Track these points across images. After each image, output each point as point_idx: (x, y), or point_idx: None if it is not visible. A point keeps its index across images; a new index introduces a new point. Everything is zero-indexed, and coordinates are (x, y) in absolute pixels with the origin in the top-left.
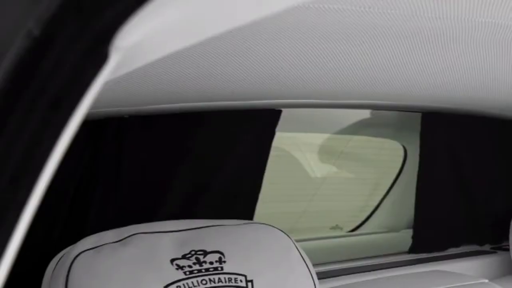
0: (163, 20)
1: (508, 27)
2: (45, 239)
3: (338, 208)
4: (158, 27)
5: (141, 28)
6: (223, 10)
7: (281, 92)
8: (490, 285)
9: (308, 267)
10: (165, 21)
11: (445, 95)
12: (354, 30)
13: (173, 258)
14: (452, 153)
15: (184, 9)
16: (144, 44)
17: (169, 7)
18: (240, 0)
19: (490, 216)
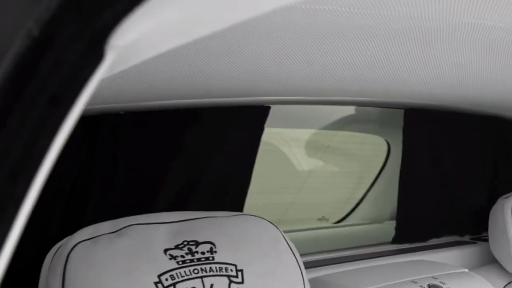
0: (157, 20)
1: (489, 27)
2: (43, 232)
3: (324, 200)
4: (153, 27)
5: (136, 28)
6: (215, 11)
7: (270, 89)
8: (470, 274)
9: (295, 256)
10: (159, 21)
11: (427, 92)
12: (340, 30)
13: (167, 248)
14: (433, 148)
15: (178, 10)
16: (139, 43)
17: (163, 8)
18: (232, 1)
19: (470, 208)
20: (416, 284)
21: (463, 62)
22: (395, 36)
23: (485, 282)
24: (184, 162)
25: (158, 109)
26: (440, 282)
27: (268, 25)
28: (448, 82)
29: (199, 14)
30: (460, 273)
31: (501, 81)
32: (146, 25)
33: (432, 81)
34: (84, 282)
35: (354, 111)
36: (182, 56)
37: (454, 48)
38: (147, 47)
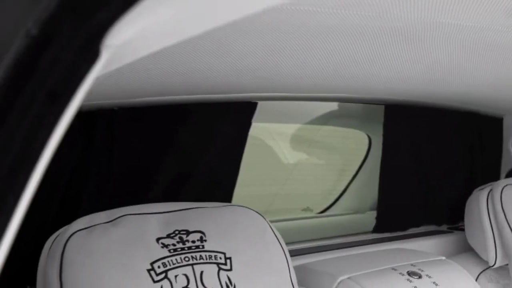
0: (150, 21)
1: (463, 27)
2: (41, 222)
3: (309, 191)
4: (145, 27)
5: (130, 28)
6: (206, 11)
7: (257, 86)
8: (447, 261)
9: (281, 245)
10: (151, 22)
11: (406, 89)
12: (323, 30)
13: (159, 237)
14: (412, 142)
15: (169, 11)
16: (132, 42)
17: (156, 9)
18: (221, 2)
19: (447, 199)
20: (396, 271)
21: (439, 60)
22: (375, 36)
23: (461, 269)
24: (176, 156)
25: (151, 105)
26: (418, 269)
27: (256, 25)
28: (426, 79)
29: (190, 15)
30: (438, 261)
31: (476, 78)
32: (139, 25)
33: (410, 78)
34: (81, 269)
35: (337, 107)
36: (173, 55)
37: (431, 47)
38: (140, 46)
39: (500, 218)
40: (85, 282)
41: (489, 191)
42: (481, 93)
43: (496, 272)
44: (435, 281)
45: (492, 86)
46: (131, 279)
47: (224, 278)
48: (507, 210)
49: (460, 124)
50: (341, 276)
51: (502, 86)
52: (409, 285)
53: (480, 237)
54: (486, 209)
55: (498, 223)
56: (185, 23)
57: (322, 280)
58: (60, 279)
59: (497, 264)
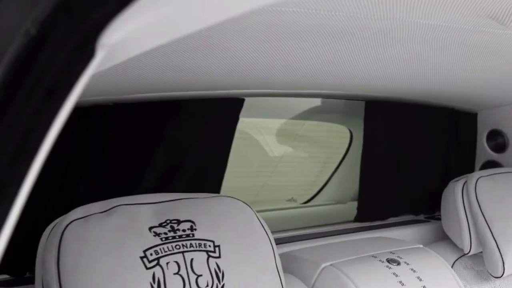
0: (142, 21)
1: (439, 27)
2: (40, 210)
3: (293, 183)
4: (138, 28)
5: (123, 28)
6: (194, 13)
7: (244, 83)
8: (424, 249)
9: (267, 234)
10: (144, 22)
11: (385, 86)
12: (305, 30)
13: (151, 226)
14: (391, 136)
15: (160, 12)
16: (126, 42)
17: (148, 10)
18: (209, 4)
19: (424, 190)
20: (376, 259)
21: (416, 59)
22: (355, 36)
23: (438, 257)
24: (167, 149)
25: (143, 101)
26: (397, 256)
27: (242, 26)
28: (404, 77)
29: (180, 16)
30: (416, 249)
31: (451, 76)
32: (132, 25)
33: (389, 76)
34: (77, 257)
35: (320, 103)
36: (165, 54)
37: (408, 47)
38: (133, 45)
39: (474, 208)
40: (82, 268)
41: (464, 182)
42: (456, 89)
43: (471, 259)
44: (413, 268)
45: (466, 83)
46: (125, 266)
47: (213, 265)
48: (481, 200)
49: (437, 119)
50: (323, 263)
51: (476, 83)
52: (388, 272)
53: (456, 226)
54: (461, 200)
55: (472, 213)
56: (175, 24)
57: (306, 266)
58: (58, 266)
59: (471, 251)
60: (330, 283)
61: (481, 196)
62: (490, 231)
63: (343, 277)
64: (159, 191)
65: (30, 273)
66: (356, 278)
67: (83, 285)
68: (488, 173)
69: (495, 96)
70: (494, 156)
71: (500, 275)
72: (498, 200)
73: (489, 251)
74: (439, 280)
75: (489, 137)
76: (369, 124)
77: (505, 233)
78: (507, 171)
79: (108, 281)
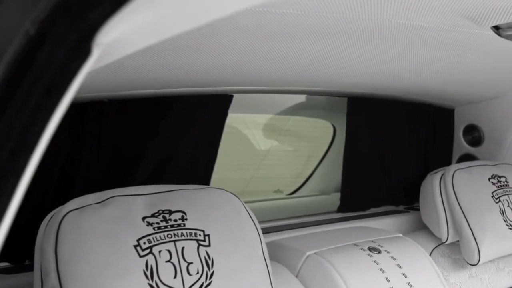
0: (136, 21)
1: (417, 27)
2: (39, 201)
3: (279, 175)
4: (132, 28)
5: (118, 28)
6: (185, 13)
7: (233, 80)
8: (404, 238)
9: (255, 223)
10: (137, 22)
11: (367, 83)
12: (292, 30)
13: (144, 216)
14: (372, 130)
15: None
16: (120, 41)
17: (141, 11)
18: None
19: (403, 182)
20: (358, 247)
21: (396, 57)
22: (338, 36)
23: (416, 245)
24: (160, 143)
25: (137, 97)
26: (378, 245)
27: (230, 25)
28: (385, 74)
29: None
30: (395, 238)
31: (429, 73)
32: (126, 26)
33: (370, 73)
34: (74, 246)
35: (304, 99)
36: (157, 52)
37: (389, 46)
38: (127, 44)
39: (451, 199)
40: (78, 256)
41: (441, 175)
42: (434, 86)
43: (448, 247)
44: (393, 256)
45: (444, 81)
46: (119, 254)
47: (203, 253)
48: (457, 192)
49: (416, 115)
50: (308, 251)
51: (453, 80)
52: (369, 260)
53: (434, 216)
54: (439, 191)
55: (449, 204)
56: (168, 24)
57: (292, 254)
58: (56, 254)
59: (448, 240)
60: (314, 270)
61: (458, 188)
62: (466, 221)
63: (326, 264)
64: (152, 183)
65: (29, 261)
66: (339, 266)
67: (80, 272)
68: (464, 166)
69: (471, 93)
70: (470, 149)
71: (476, 263)
72: (474, 191)
73: (465, 240)
74: (418, 268)
75: (465, 132)
76: (351, 120)
77: (480, 223)
78: (482, 164)
79: (104, 268)
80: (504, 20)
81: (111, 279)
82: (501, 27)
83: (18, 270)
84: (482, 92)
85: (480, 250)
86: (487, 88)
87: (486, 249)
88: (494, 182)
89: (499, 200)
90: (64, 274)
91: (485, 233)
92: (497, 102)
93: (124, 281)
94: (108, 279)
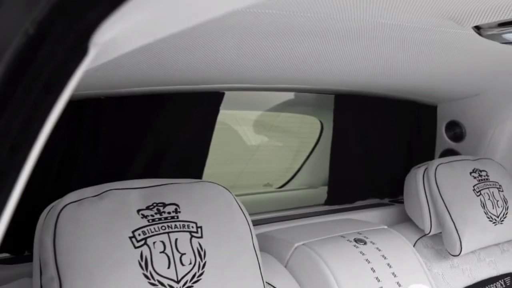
0: (131, 22)
1: (400, 27)
2: (38, 194)
3: (269, 169)
4: (127, 28)
5: (115, 28)
6: (179, 14)
7: (224, 78)
8: (388, 230)
9: (245, 216)
10: (133, 22)
11: (353, 80)
12: (281, 29)
13: (139, 209)
14: (358, 126)
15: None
16: (116, 41)
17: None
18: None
19: (388, 176)
20: (344, 239)
21: (381, 56)
22: (325, 35)
23: (401, 237)
24: (154, 139)
25: (133, 95)
26: (364, 236)
27: (222, 25)
28: (370, 73)
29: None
30: (381, 229)
31: (412, 71)
32: (122, 26)
33: (356, 72)
34: (71, 237)
35: (293, 96)
36: (152, 51)
37: (373, 45)
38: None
39: (434, 192)
40: (76, 247)
41: (425, 169)
42: (417, 84)
43: (431, 239)
44: (378, 247)
45: (426, 78)
46: (115, 245)
47: (195, 244)
48: (440, 185)
49: (400, 111)
50: (296, 242)
51: (435, 78)
52: (355, 251)
53: (417, 209)
54: (422, 185)
55: (432, 197)
56: (161, 24)
57: (281, 246)
58: (54, 245)
59: (431, 232)
60: (303, 261)
61: (440, 182)
62: (448, 213)
63: (314, 255)
64: (147, 177)
65: (28, 252)
66: (326, 256)
67: (77, 262)
68: (446, 161)
69: (453, 90)
70: (452, 145)
71: (457, 254)
72: (456, 185)
73: (447, 231)
74: (402, 258)
75: (447, 128)
76: (338, 116)
77: (462, 215)
78: (464, 158)
79: (100, 259)
80: (485, 21)
81: (107, 269)
82: (482, 27)
83: (18, 261)
84: (464, 89)
85: (461, 241)
86: (469, 86)
87: (467, 241)
88: (475, 176)
89: (480, 193)
90: (62, 265)
91: (467, 225)
92: (478, 99)
93: (120, 271)
94: (104, 269)
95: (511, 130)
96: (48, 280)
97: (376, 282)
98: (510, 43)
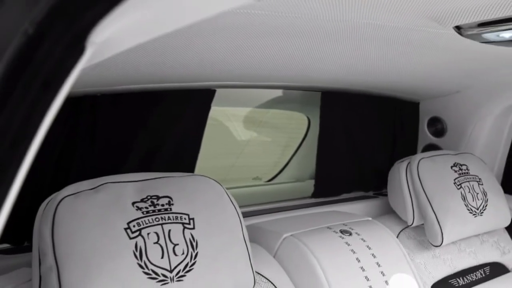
0: (126, 21)
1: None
2: (37, 187)
3: (258, 163)
4: (123, 27)
5: (110, 28)
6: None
7: (216, 76)
8: (373, 221)
9: (235, 208)
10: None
11: (339, 78)
12: (270, 29)
13: (134, 201)
14: (344, 122)
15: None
16: (112, 40)
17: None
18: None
19: (373, 170)
20: (331, 230)
21: (365, 55)
22: (312, 34)
23: (384, 228)
24: (148, 134)
25: (128, 92)
26: (349, 228)
27: (213, 25)
28: (355, 71)
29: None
30: (365, 221)
31: (396, 70)
32: (117, 25)
33: (342, 70)
34: (69, 228)
35: (281, 93)
36: (146, 50)
37: (358, 44)
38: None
39: (416, 186)
40: (73, 238)
41: (408, 163)
42: (400, 82)
43: (414, 230)
44: (362, 238)
45: (409, 76)
46: (111, 236)
47: (188, 235)
48: (422, 179)
49: (384, 108)
50: (285, 233)
51: (417, 77)
52: (341, 241)
53: (400, 201)
54: (405, 178)
55: (415, 190)
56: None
57: (269, 237)
58: (52, 236)
59: (414, 223)
60: (290, 251)
61: (423, 175)
62: (430, 205)
63: (301, 245)
64: (141, 171)
65: (28, 242)
66: (313, 247)
67: (75, 253)
68: (428, 155)
69: (435, 88)
70: (434, 140)
71: (439, 244)
72: (438, 178)
73: (429, 223)
74: (386, 249)
75: (429, 124)
76: (324, 112)
77: (443, 207)
78: (445, 153)
79: (97, 249)
80: (465, 21)
81: (103, 259)
82: (463, 27)
83: (18, 251)
84: (445, 87)
85: (443, 232)
86: (450, 84)
87: (448, 232)
88: (456, 170)
89: (461, 186)
90: (60, 255)
91: (448, 216)
92: (459, 96)
93: (116, 260)
94: (100, 259)
95: (490, 126)
96: (47, 269)
97: (361, 271)
98: (490, 42)
